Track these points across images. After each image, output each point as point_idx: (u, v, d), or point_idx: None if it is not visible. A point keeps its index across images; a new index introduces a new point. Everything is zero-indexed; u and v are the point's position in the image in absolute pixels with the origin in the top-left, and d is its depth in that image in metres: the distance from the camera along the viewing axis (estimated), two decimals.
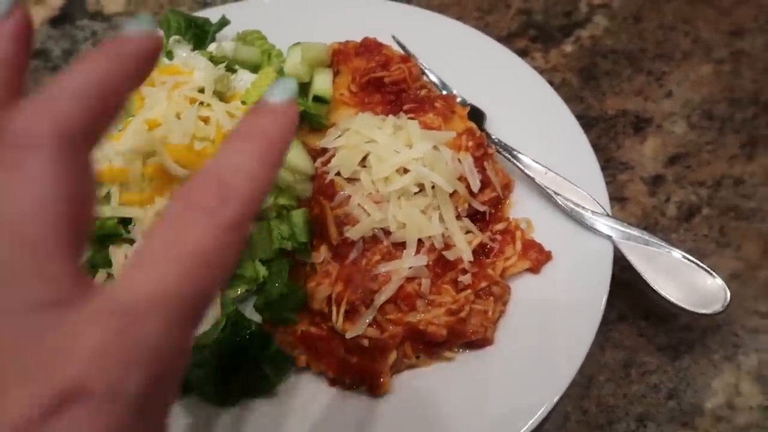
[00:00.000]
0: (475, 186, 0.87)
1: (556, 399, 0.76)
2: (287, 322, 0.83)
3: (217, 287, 0.37)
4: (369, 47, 1.01)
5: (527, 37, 1.22)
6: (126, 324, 0.31)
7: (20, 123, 0.35)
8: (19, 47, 0.42)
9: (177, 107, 0.85)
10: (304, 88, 1.00)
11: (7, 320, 0.30)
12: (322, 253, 0.82)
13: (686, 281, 0.82)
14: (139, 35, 0.41)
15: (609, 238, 0.87)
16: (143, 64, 0.42)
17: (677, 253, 0.83)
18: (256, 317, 0.84)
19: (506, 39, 1.21)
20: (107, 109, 0.39)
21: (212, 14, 1.07)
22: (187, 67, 0.92)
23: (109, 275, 0.81)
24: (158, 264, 0.34)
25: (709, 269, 0.82)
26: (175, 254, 0.34)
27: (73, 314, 0.31)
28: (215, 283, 0.36)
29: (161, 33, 0.45)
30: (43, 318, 0.31)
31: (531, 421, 0.75)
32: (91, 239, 0.83)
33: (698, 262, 0.82)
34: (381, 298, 0.78)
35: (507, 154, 0.95)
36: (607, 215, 0.88)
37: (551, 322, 0.82)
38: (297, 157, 0.88)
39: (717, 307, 0.80)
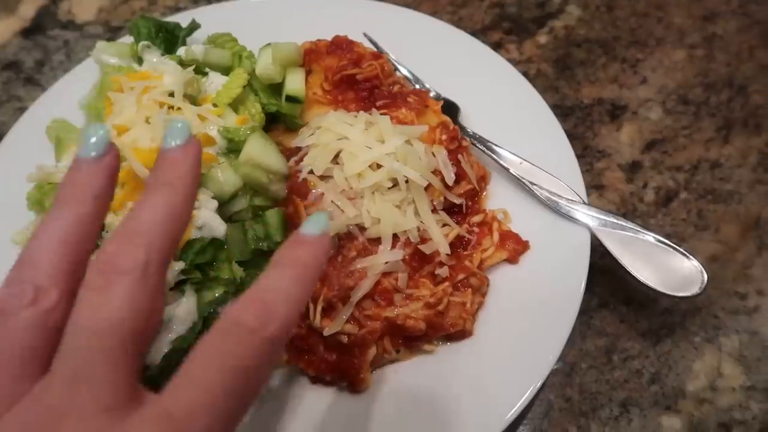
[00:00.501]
0: (450, 179, 0.86)
1: (537, 387, 0.75)
2: None
3: (255, 397, 0.42)
4: (340, 45, 1.01)
5: (501, 29, 1.22)
6: (175, 428, 0.37)
7: (111, 252, 0.42)
8: (111, 183, 0.48)
9: (146, 112, 0.85)
10: (276, 88, 1.00)
11: (85, 417, 0.37)
12: None
13: (663, 265, 0.82)
14: (187, 144, 0.50)
15: (586, 225, 0.86)
16: (197, 179, 0.50)
17: (652, 237, 0.83)
18: None
19: (480, 32, 1.22)
20: (182, 232, 0.46)
21: (183, 18, 1.07)
22: (157, 72, 0.92)
23: None
24: (203, 375, 0.39)
25: (685, 252, 0.82)
26: (219, 367, 0.39)
27: (132, 417, 0.38)
28: (253, 393, 0.41)
29: (198, 141, 0.53)
30: (110, 419, 0.38)
31: (513, 410, 0.75)
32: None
33: (674, 245, 0.82)
34: (358, 294, 0.77)
35: (482, 147, 0.95)
36: (584, 203, 0.88)
37: (531, 311, 0.82)
38: (271, 157, 0.87)
39: (695, 289, 0.80)
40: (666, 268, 0.82)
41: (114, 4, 1.29)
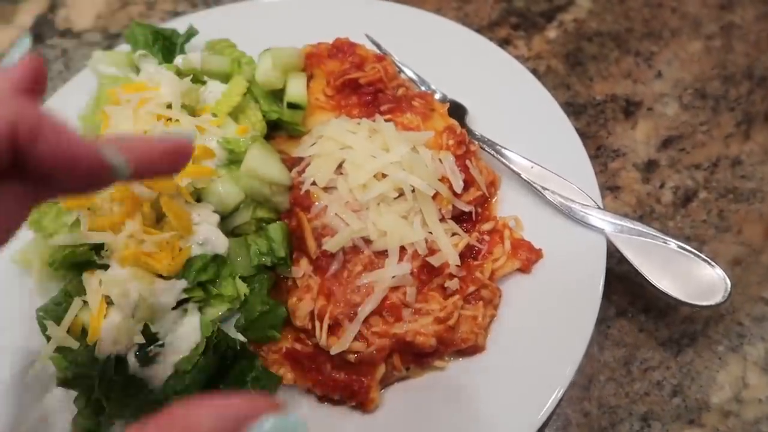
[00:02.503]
0: (458, 186, 0.83)
1: (554, 403, 0.73)
2: (270, 340, 0.80)
3: None
4: (342, 48, 0.97)
5: (509, 25, 1.18)
6: None
7: None
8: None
9: (143, 125, 0.82)
10: (277, 94, 0.97)
11: None
12: (302, 267, 0.79)
13: (684, 273, 0.78)
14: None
15: (602, 231, 0.83)
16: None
17: (673, 244, 0.79)
18: (241, 336, 0.81)
19: (487, 28, 1.17)
20: None
21: (181, 24, 1.04)
22: (153, 82, 0.89)
23: (84, 302, 0.78)
24: None
25: (707, 259, 0.78)
26: None
27: None
28: None
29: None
30: None
31: (530, 428, 0.72)
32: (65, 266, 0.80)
33: (696, 252, 0.78)
34: (365, 311, 0.74)
35: (491, 150, 0.91)
36: (599, 208, 0.85)
37: (546, 323, 0.79)
38: (273, 168, 0.85)
39: (718, 298, 0.76)
40: (687, 275, 0.78)
41: (112, 10, 1.26)
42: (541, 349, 0.77)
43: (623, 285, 0.86)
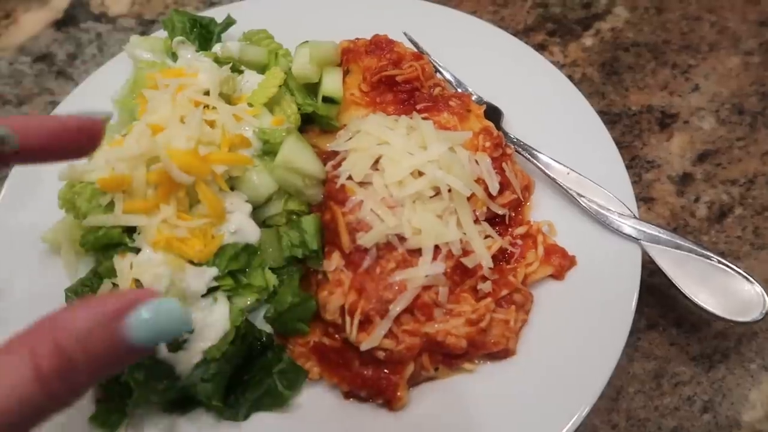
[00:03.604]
0: (494, 188, 0.82)
1: (584, 413, 0.71)
2: (299, 333, 0.79)
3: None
4: (380, 45, 0.97)
5: (544, 30, 1.17)
6: None
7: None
8: None
9: (181, 111, 0.82)
10: (313, 88, 0.97)
11: None
12: (334, 261, 0.78)
13: (721, 287, 0.77)
14: None
15: (636, 241, 0.82)
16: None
17: (712, 258, 0.78)
18: (268, 327, 0.81)
19: (523, 33, 1.17)
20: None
21: (218, 14, 1.04)
22: (192, 69, 0.89)
23: (114, 285, 0.78)
24: None
25: (746, 274, 0.77)
26: None
27: None
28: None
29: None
30: None
31: None
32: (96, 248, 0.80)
33: (735, 267, 0.77)
34: (397, 308, 0.74)
35: (526, 154, 0.91)
36: (634, 217, 0.83)
37: (577, 332, 0.78)
38: (308, 160, 0.84)
39: (755, 315, 0.75)
40: (724, 290, 0.77)
41: None
42: (571, 360, 0.76)
43: (655, 297, 0.85)
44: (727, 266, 0.78)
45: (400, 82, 0.93)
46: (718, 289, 0.77)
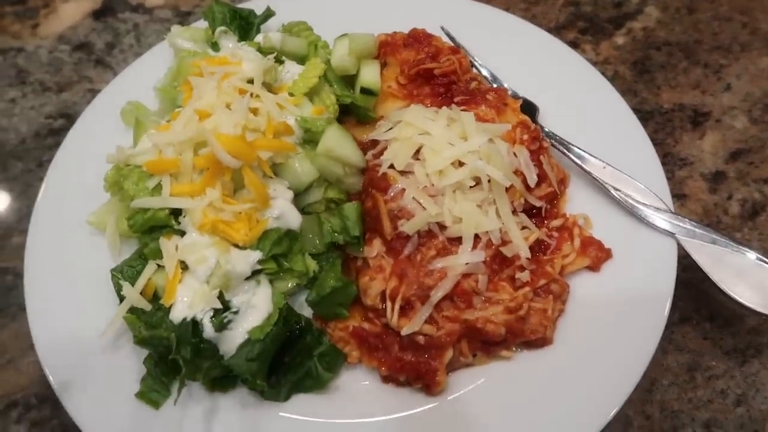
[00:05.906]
0: (532, 180, 0.84)
1: (620, 403, 0.72)
2: (338, 317, 0.80)
3: None
4: (418, 38, 0.98)
5: (576, 29, 1.18)
6: None
7: None
8: None
9: (227, 98, 0.83)
10: (350, 80, 0.98)
11: None
12: (375, 248, 0.80)
13: (758, 282, 0.78)
14: None
15: (672, 235, 0.83)
16: None
17: (750, 254, 0.79)
18: (306, 312, 0.82)
19: (554, 31, 1.18)
20: None
21: (257, 5, 1.06)
22: (235, 57, 0.91)
23: (159, 266, 0.80)
24: None
25: None
26: None
27: None
28: None
29: None
30: None
31: (594, 427, 0.72)
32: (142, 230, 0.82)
33: None
34: (437, 295, 0.75)
35: (562, 148, 0.92)
36: (670, 212, 0.84)
37: (613, 322, 0.79)
38: (348, 149, 0.86)
39: None
40: (762, 285, 0.77)
41: None
42: (608, 350, 0.77)
43: (689, 291, 0.86)
44: (765, 262, 0.78)
45: (438, 75, 0.95)
46: (756, 284, 0.78)
